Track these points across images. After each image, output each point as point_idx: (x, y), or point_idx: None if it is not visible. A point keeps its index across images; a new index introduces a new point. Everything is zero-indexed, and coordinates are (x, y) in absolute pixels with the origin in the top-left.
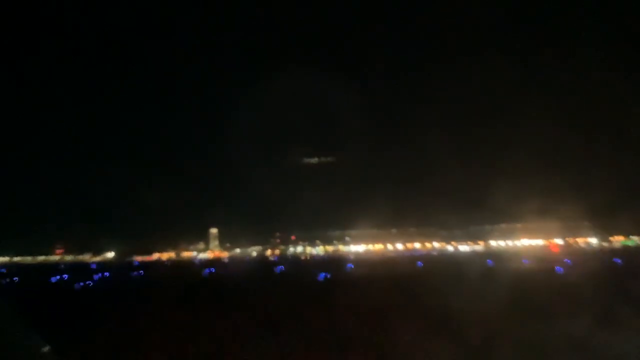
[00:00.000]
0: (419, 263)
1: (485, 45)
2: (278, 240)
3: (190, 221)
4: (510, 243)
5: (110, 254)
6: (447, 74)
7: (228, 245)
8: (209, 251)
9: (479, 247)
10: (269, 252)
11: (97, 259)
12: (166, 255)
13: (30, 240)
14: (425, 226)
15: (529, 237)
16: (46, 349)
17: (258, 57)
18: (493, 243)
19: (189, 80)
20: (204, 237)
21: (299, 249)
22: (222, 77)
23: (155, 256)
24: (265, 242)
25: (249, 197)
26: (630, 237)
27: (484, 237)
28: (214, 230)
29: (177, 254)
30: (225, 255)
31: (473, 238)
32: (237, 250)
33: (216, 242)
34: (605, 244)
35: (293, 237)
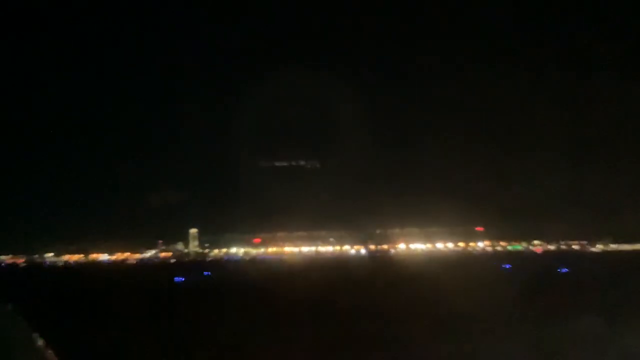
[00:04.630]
0: None
1: (489, 45)
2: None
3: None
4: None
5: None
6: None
7: (207, 245)
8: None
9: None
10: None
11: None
12: (75, 257)
13: None
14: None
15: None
16: None
17: (244, 53)
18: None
19: (173, 75)
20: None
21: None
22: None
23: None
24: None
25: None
26: (523, 242)
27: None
28: (193, 231)
29: (86, 256)
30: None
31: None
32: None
33: (196, 243)
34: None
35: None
